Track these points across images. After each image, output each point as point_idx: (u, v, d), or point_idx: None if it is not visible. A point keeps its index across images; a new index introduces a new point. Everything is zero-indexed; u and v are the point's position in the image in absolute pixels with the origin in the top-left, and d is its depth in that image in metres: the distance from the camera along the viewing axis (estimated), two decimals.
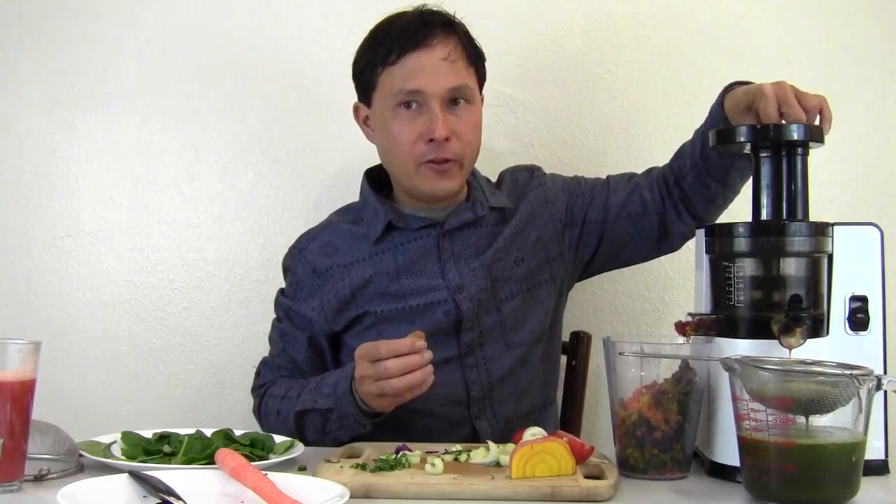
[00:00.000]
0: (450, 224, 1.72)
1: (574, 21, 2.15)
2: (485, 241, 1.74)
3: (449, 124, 1.64)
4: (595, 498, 1.22)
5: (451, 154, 1.66)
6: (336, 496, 1.13)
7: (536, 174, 1.84)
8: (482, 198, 1.76)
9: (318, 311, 1.73)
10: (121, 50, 2.16)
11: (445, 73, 1.64)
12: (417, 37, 1.64)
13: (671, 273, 2.13)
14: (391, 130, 1.67)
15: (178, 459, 1.36)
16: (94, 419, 2.07)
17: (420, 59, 1.63)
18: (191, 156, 2.16)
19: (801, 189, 1.39)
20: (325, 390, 1.59)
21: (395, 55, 1.64)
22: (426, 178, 1.67)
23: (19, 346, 1.26)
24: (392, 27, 1.67)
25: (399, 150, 1.67)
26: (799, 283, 1.34)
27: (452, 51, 1.65)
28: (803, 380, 1.18)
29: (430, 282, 1.70)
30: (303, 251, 1.79)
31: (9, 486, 1.24)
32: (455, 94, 1.66)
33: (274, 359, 1.78)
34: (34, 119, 2.16)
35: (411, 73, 1.63)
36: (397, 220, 1.73)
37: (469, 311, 1.69)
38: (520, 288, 1.73)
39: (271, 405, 1.69)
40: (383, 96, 1.67)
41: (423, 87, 1.63)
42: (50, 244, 2.16)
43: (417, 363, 1.44)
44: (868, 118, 2.13)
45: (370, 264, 1.72)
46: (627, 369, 1.37)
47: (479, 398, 1.70)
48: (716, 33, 2.15)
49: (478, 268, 1.71)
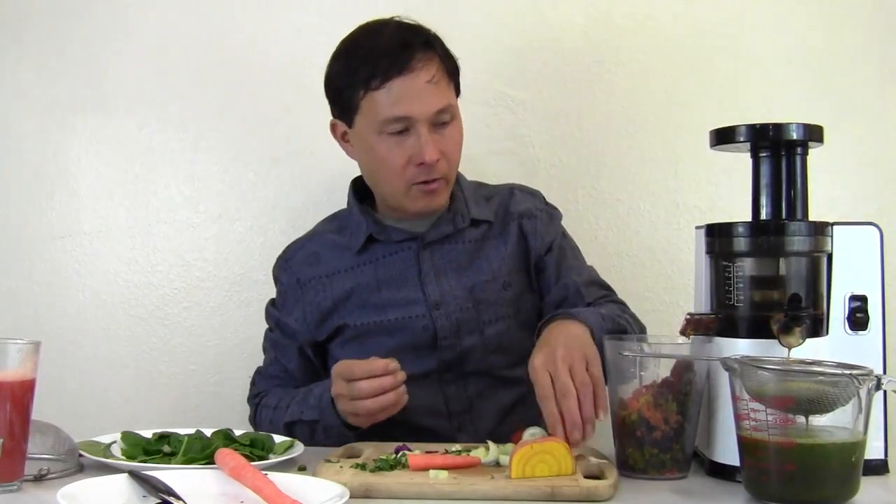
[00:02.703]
0: (430, 237, 1.73)
1: (574, 21, 2.15)
2: (465, 257, 1.74)
3: (437, 145, 1.64)
4: (595, 498, 1.22)
5: (440, 174, 1.66)
6: (336, 496, 1.13)
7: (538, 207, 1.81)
8: (464, 209, 1.75)
9: (301, 322, 1.76)
10: (121, 50, 2.16)
11: (431, 96, 1.62)
12: (401, 61, 1.61)
13: (671, 273, 2.13)
14: (378, 154, 1.66)
15: (178, 459, 1.36)
16: (94, 419, 2.07)
17: (405, 84, 1.61)
18: (191, 156, 2.16)
19: (801, 189, 1.39)
20: (311, 402, 1.61)
21: (378, 80, 1.61)
22: (416, 198, 1.67)
23: (19, 346, 1.26)
24: (371, 48, 1.64)
25: (388, 173, 1.66)
26: (798, 283, 1.34)
27: (436, 72, 1.63)
28: (803, 379, 1.18)
29: (409, 295, 1.71)
30: (289, 261, 1.81)
31: (9, 486, 1.24)
32: (440, 116, 1.64)
33: (267, 368, 1.80)
34: (34, 119, 2.16)
35: (397, 99, 1.61)
36: (378, 233, 1.74)
37: (445, 329, 1.69)
38: (506, 312, 1.73)
39: (265, 415, 1.71)
40: (367, 120, 1.65)
41: (410, 112, 1.61)
42: (50, 244, 2.15)
43: (390, 385, 1.46)
44: (868, 118, 2.13)
45: (351, 276, 1.74)
46: (627, 369, 1.37)
47: (459, 412, 1.71)
48: (716, 33, 2.15)
49: (457, 286, 1.71)
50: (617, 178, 2.14)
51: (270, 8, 2.16)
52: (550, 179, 2.11)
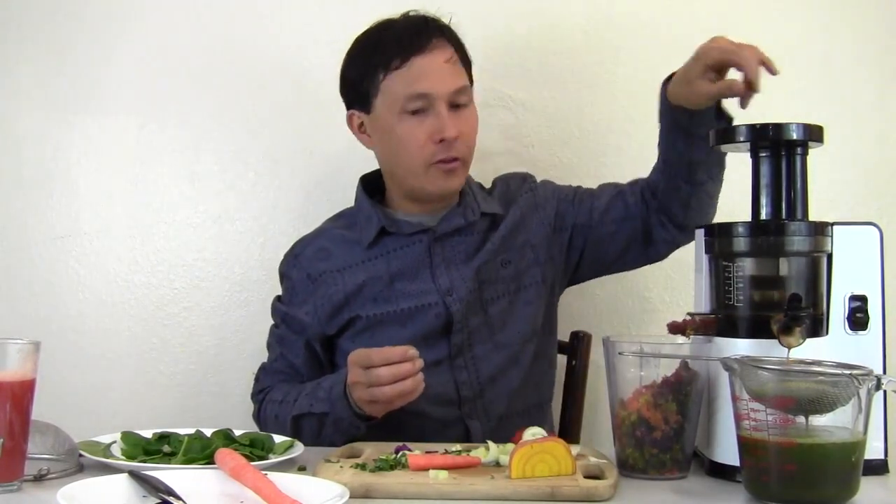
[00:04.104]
0: (441, 229, 1.75)
1: (574, 21, 2.15)
2: (474, 248, 1.77)
3: (456, 125, 1.69)
4: (595, 498, 1.22)
5: (458, 153, 1.70)
6: (336, 496, 1.13)
7: (528, 180, 1.88)
8: (474, 203, 1.79)
9: (312, 316, 1.76)
10: (121, 50, 2.16)
11: (449, 75, 1.69)
12: (420, 40, 1.68)
13: (671, 273, 2.13)
14: (398, 134, 1.70)
15: (178, 459, 1.36)
16: (94, 419, 2.06)
17: (424, 62, 1.68)
18: (191, 156, 2.17)
19: (801, 189, 1.39)
20: (321, 395, 1.61)
21: (398, 60, 1.68)
22: (434, 178, 1.71)
23: (19, 346, 1.26)
24: (387, 34, 1.71)
25: (407, 153, 1.70)
26: (798, 283, 1.34)
27: (452, 54, 1.71)
28: (803, 379, 1.18)
29: (421, 286, 1.73)
30: (298, 257, 1.81)
31: (9, 486, 1.24)
32: (458, 95, 1.70)
33: (272, 364, 1.80)
34: (34, 119, 2.16)
35: (418, 76, 1.67)
36: (390, 226, 1.76)
37: (458, 313, 1.71)
38: (506, 289, 1.76)
39: (270, 410, 1.71)
40: (387, 101, 1.70)
41: (430, 89, 1.67)
42: (50, 244, 2.16)
43: (408, 371, 1.46)
44: (868, 118, 2.13)
45: (363, 269, 1.75)
46: (627, 369, 1.37)
47: (471, 398, 1.72)
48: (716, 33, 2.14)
49: (466, 271, 1.74)
50: (617, 178, 2.14)
51: (270, 8, 2.16)
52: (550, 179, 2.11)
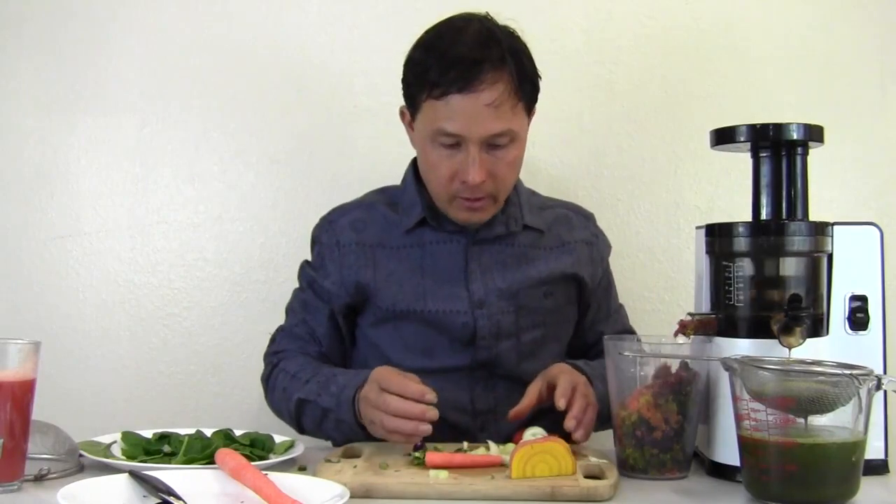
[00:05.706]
0: (481, 235, 1.70)
1: (574, 21, 2.15)
2: (513, 260, 1.71)
3: (486, 166, 1.60)
4: (595, 498, 1.22)
5: (484, 193, 1.62)
6: (336, 496, 1.14)
7: (591, 225, 1.82)
8: (517, 214, 1.73)
9: (338, 285, 1.71)
10: (121, 50, 2.16)
11: (487, 119, 1.56)
12: (466, 78, 1.55)
13: (671, 273, 2.13)
14: (428, 158, 1.64)
15: (178, 459, 1.36)
16: (94, 419, 2.06)
17: (464, 103, 1.55)
18: (191, 156, 2.16)
19: (801, 189, 1.39)
20: (333, 389, 1.57)
21: (438, 91, 1.56)
22: (458, 210, 1.65)
23: (19, 346, 1.26)
24: (447, 52, 1.58)
25: (434, 180, 1.65)
26: (799, 283, 1.34)
27: (499, 95, 1.56)
28: (803, 379, 1.18)
29: (453, 290, 1.68)
30: (332, 223, 1.76)
31: (9, 486, 1.24)
32: (496, 139, 1.59)
33: (292, 329, 1.75)
34: (34, 119, 2.16)
35: (453, 114, 1.56)
36: (431, 218, 1.70)
37: (484, 329, 1.67)
38: (543, 321, 1.72)
39: (280, 380, 1.67)
40: (424, 122, 1.62)
41: (461, 132, 1.57)
42: (50, 244, 2.15)
43: (416, 413, 1.41)
44: (868, 118, 2.13)
45: (396, 256, 1.70)
46: (627, 369, 1.37)
47: (484, 411, 1.69)
48: (716, 33, 2.15)
49: (504, 289, 1.69)
50: (617, 178, 2.15)
51: (271, 8, 2.16)
52: (550, 179, 2.12)
